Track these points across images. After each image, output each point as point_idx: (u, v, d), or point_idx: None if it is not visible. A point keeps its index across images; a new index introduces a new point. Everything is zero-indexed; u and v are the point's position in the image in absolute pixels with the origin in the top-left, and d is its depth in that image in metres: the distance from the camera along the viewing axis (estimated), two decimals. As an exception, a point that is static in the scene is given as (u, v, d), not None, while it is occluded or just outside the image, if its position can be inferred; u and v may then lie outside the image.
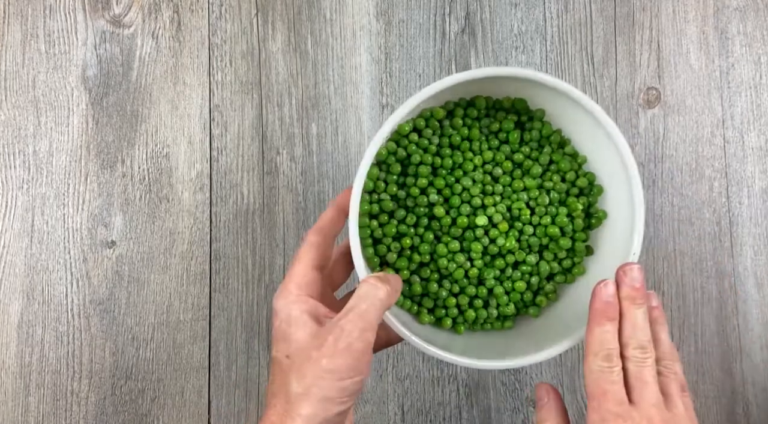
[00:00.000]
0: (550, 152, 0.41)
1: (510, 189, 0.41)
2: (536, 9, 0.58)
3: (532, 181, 0.40)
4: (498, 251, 0.40)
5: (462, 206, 0.40)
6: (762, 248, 0.57)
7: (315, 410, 0.31)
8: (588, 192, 0.41)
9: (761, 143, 0.58)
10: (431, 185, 0.40)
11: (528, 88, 0.40)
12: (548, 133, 0.41)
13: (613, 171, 0.40)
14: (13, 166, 0.56)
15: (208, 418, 0.54)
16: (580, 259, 0.41)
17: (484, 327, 0.42)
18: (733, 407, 0.55)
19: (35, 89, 0.56)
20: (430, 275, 0.40)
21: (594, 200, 0.41)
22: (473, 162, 0.40)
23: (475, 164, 0.40)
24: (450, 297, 0.40)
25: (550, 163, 0.41)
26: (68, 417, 0.54)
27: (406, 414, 0.54)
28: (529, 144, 0.41)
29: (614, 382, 0.33)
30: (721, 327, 0.56)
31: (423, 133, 0.41)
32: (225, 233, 0.55)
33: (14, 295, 0.54)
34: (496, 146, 0.41)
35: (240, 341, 0.55)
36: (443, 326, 0.41)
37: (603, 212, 0.41)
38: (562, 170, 0.41)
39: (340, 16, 0.58)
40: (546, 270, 0.40)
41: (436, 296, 0.40)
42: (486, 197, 0.40)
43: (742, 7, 0.59)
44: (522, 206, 0.40)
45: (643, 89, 0.58)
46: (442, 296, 0.40)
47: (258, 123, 0.57)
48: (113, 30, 0.57)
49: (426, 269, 0.40)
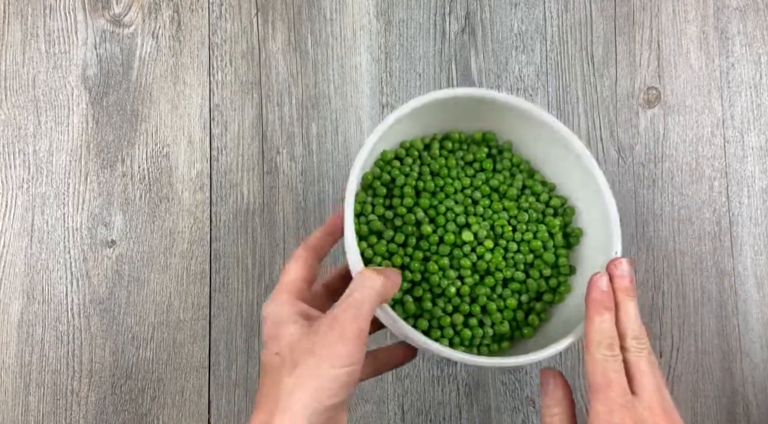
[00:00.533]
0: (522, 178, 0.44)
1: (490, 210, 0.43)
2: (536, 9, 0.58)
3: (510, 202, 0.43)
4: (487, 268, 0.41)
5: (448, 224, 0.41)
6: (762, 248, 0.57)
7: (307, 401, 0.31)
8: (562, 212, 0.44)
9: (761, 143, 0.58)
10: (417, 205, 0.42)
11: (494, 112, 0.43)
12: (518, 162, 0.45)
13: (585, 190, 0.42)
14: (13, 166, 0.56)
15: (208, 418, 0.54)
16: (565, 278, 0.43)
17: (481, 350, 0.42)
18: (733, 407, 0.55)
19: (35, 89, 0.56)
20: (422, 294, 0.41)
21: (569, 220, 0.43)
22: (453, 186, 0.43)
23: (456, 188, 0.43)
24: (445, 316, 0.41)
25: (523, 188, 0.44)
26: (68, 416, 0.54)
27: (406, 414, 0.54)
28: (502, 172, 0.44)
29: (618, 371, 0.33)
30: (721, 327, 0.56)
31: (404, 162, 0.43)
32: (225, 232, 0.56)
33: (14, 294, 0.54)
34: (472, 174, 0.44)
35: (240, 341, 0.55)
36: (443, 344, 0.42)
37: (579, 229, 0.43)
38: (536, 192, 0.44)
39: (340, 15, 0.58)
40: (534, 287, 0.42)
41: (431, 315, 0.41)
42: (469, 216, 0.42)
43: (742, 7, 0.59)
44: (504, 223, 0.42)
45: (643, 89, 0.58)
46: (437, 315, 0.41)
47: (258, 123, 0.57)
48: (113, 29, 0.57)
49: (418, 288, 0.41)
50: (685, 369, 0.55)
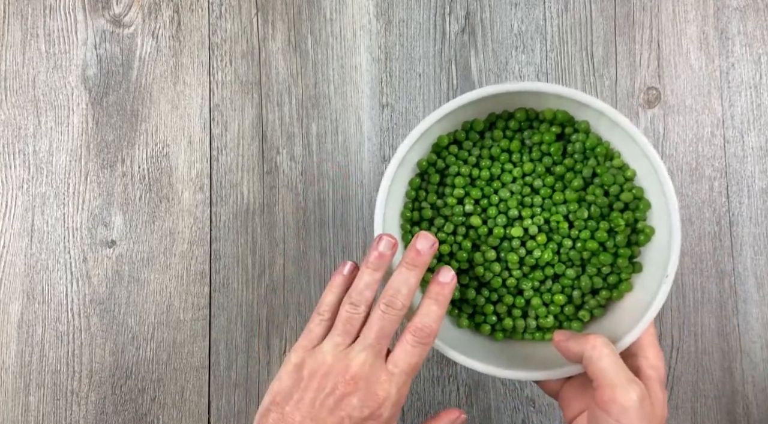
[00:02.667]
0: (594, 165, 0.40)
1: (550, 202, 0.40)
2: (536, 9, 0.58)
3: (573, 194, 0.40)
4: (536, 263, 0.40)
5: (498, 217, 0.40)
6: (762, 248, 0.57)
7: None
8: (634, 207, 0.40)
9: (761, 143, 0.58)
10: (468, 195, 0.40)
11: (570, 106, 0.40)
12: (593, 145, 0.40)
13: (651, 190, 0.39)
14: (13, 166, 0.56)
15: (208, 418, 0.54)
16: (627, 276, 0.40)
17: (525, 337, 0.41)
18: (733, 406, 0.55)
19: (35, 89, 0.56)
20: (468, 282, 0.41)
21: (641, 216, 0.40)
22: (512, 174, 0.40)
23: (514, 176, 0.40)
24: (488, 304, 0.41)
25: (593, 176, 0.40)
26: (68, 416, 0.54)
27: (406, 414, 0.54)
28: (573, 156, 0.40)
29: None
30: (721, 327, 0.56)
31: (463, 145, 0.41)
32: (225, 232, 0.56)
33: (14, 294, 0.54)
34: (537, 158, 0.41)
35: (240, 341, 0.55)
36: (482, 332, 0.41)
37: (651, 228, 0.39)
38: (606, 184, 0.40)
39: (340, 15, 0.58)
40: (588, 284, 0.39)
41: (475, 302, 0.41)
42: (524, 209, 0.40)
43: (742, 7, 0.59)
44: (560, 219, 0.39)
45: (643, 89, 0.58)
46: (480, 303, 0.41)
47: (258, 123, 0.57)
48: (113, 29, 0.57)
49: (465, 276, 0.41)
50: (685, 369, 0.55)
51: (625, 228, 0.39)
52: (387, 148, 0.57)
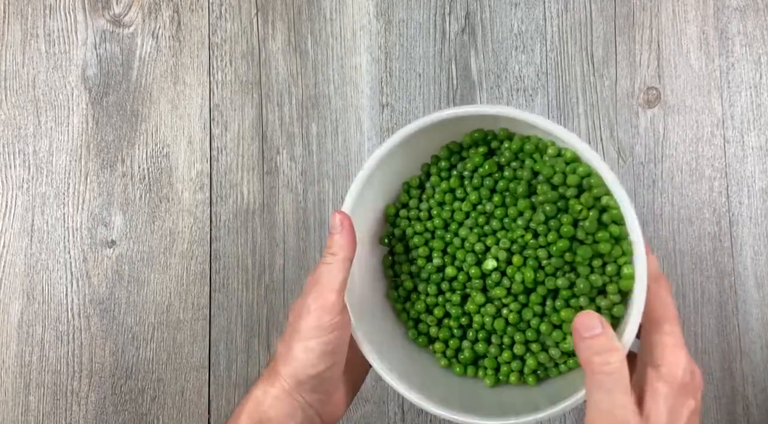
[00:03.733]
0: (531, 164, 0.38)
1: (508, 220, 0.38)
2: (536, 9, 0.58)
3: (523, 201, 0.37)
4: (524, 287, 0.37)
5: (467, 257, 0.38)
6: (762, 248, 0.57)
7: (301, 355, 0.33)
8: (588, 187, 0.36)
9: (761, 143, 0.58)
10: (432, 250, 0.39)
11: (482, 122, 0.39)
12: (518, 147, 0.38)
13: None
14: (13, 166, 0.56)
15: (208, 418, 0.54)
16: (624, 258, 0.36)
17: (561, 370, 0.38)
18: (733, 407, 0.55)
19: (35, 89, 0.56)
20: (476, 335, 0.39)
21: (599, 192, 0.36)
22: (463, 210, 0.39)
23: (466, 211, 0.39)
24: (506, 350, 0.38)
25: (535, 175, 0.38)
26: (68, 416, 0.54)
27: (406, 414, 0.54)
28: (510, 166, 0.39)
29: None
30: (721, 327, 0.56)
31: (409, 206, 0.41)
32: (225, 232, 0.55)
33: (14, 294, 0.54)
34: (478, 184, 0.39)
35: (240, 341, 0.55)
36: (512, 383, 0.39)
37: (614, 199, 0.35)
38: (546, 176, 0.37)
39: (340, 15, 0.58)
40: (587, 286, 0.36)
41: (491, 353, 0.39)
42: (487, 238, 0.38)
43: (742, 7, 0.59)
44: (522, 232, 0.37)
45: (643, 89, 0.58)
46: (494, 353, 0.38)
47: (258, 123, 0.57)
48: (113, 29, 0.57)
49: (471, 330, 0.39)
50: (685, 369, 0.55)
51: (589, 211, 0.36)
52: (387, 148, 0.57)
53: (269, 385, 0.34)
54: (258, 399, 0.34)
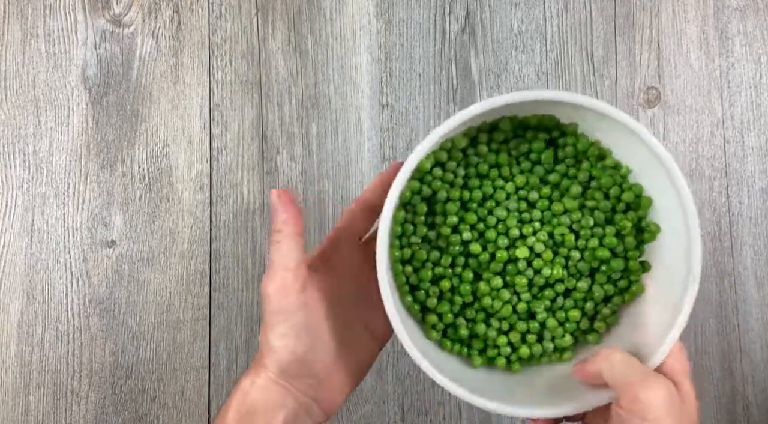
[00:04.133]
0: (588, 167, 0.38)
1: (550, 213, 0.38)
2: (536, 9, 0.58)
3: (573, 201, 0.37)
4: (545, 282, 0.37)
5: (499, 239, 0.37)
6: (762, 248, 0.57)
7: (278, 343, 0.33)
8: (636, 206, 0.37)
9: (761, 143, 0.58)
10: (462, 222, 0.37)
11: (557, 107, 0.37)
12: (584, 148, 0.38)
13: (656, 182, 0.37)
14: (13, 166, 0.56)
15: (208, 418, 0.54)
16: (637, 277, 0.38)
17: (541, 361, 0.39)
18: (733, 406, 0.55)
19: (35, 89, 0.56)
20: (475, 315, 0.38)
21: (644, 214, 0.37)
22: (505, 190, 0.38)
23: (508, 192, 0.38)
24: (501, 335, 0.38)
25: (590, 179, 0.38)
26: (68, 416, 0.54)
27: (406, 414, 0.54)
28: (565, 162, 0.38)
29: None
30: (721, 327, 0.56)
31: (446, 167, 0.38)
32: (225, 232, 0.56)
33: (14, 294, 0.54)
34: (528, 169, 0.38)
35: (240, 341, 0.55)
36: (498, 366, 0.39)
37: (656, 225, 0.37)
38: (604, 186, 0.37)
39: (340, 15, 0.58)
40: (600, 294, 0.37)
41: (486, 336, 0.38)
42: (524, 226, 0.37)
43: (742, 7, 0.59)
44: (565, 231, 0.37)
45: (643, 89, 0.58)
46: (491, 336, 0.38)
47: (258, 123, 0.57)
48: (113, 29, 0.57)
49: (470, 309, 0.38)
50: (685, 369, 0.55)
51: (632, 229, 0.37)
52: (387, 148, 0.57)
53: (255, 376, 0.33)
54: (245, 390, 0.34)
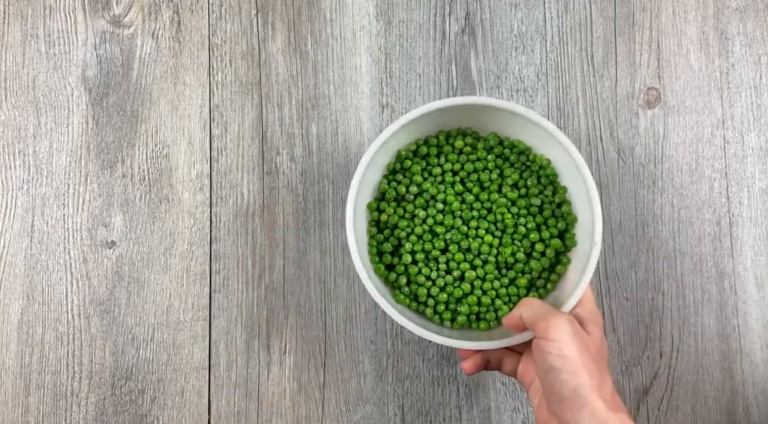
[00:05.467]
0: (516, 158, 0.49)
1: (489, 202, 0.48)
2: (536, 9, 0.58)
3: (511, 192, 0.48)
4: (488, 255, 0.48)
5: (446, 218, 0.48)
6: (762, 248, 0.57)
7: None
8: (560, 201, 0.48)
9: (761, 143, 0.58)
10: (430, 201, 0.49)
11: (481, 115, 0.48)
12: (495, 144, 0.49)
13: (567, 170, 0.47)
14: (13, 167, 0.56)
15: (208, 418, 0.54)
16: (565, 256, 0.48)
17: (481, 327, 0.48)
18: (733, 407, 0.55)
19: (35, 89, 0.56)
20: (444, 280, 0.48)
21: (561, 198, 0.48)
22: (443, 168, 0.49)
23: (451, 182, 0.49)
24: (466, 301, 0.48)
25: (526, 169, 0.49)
26: (68, 417, 0.54)
27: (406, 414, 0.54)
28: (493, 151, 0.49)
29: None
30: (721, 328, 0.56)
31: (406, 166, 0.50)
32: (225, 233, 0.56)
33: (14, 295, 0.54)
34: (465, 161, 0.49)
35: (240, 341, 0.55)
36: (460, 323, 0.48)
37: (573, 216, 0.47)
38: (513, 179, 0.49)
39: (340, 16, 0.58)
40: (538, 267, 0.47)
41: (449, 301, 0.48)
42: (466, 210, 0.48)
43: (742, 7, 0.59)
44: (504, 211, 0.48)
45: (643, 89, 0.58)
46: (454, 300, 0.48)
47: (258, 123, 0.57)
48: (113, 30, 0.57)
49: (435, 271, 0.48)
50: (685, 370, 0.55)
51: (556, 229, 0.48)
52: (387, 149, 0.57)
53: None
54: None
